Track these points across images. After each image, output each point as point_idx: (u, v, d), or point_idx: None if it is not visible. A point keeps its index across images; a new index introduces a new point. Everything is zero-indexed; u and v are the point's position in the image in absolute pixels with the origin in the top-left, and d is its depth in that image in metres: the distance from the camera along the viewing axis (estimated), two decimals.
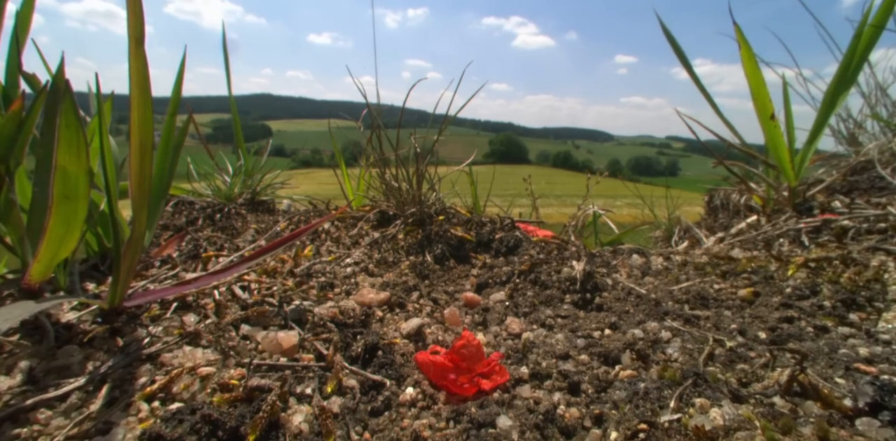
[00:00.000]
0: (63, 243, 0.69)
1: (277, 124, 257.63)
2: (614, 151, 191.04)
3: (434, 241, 1.29)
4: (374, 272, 1.13)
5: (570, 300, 0.97)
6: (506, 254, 1.28)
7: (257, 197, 1.86)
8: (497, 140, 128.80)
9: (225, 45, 2.11)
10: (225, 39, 2.13)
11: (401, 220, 1.39)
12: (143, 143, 0.70)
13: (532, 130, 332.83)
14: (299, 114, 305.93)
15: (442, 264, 1.23)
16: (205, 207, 1.67)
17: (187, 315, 0.76)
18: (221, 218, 1.62)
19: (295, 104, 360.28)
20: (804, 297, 0.84)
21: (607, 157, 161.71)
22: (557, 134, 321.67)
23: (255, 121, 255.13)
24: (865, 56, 1.71)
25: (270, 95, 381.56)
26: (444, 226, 1.33)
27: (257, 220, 1.60)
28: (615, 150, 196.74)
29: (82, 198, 0.68)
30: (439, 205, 1.49)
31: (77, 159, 0.66)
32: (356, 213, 1.56)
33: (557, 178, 78.96)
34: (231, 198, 1.78)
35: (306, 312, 0.79)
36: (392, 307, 0.91)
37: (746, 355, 0.68)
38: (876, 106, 2.45)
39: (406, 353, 0.71)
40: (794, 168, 1.64)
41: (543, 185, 12.13)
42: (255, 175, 1.92)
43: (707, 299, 0.93)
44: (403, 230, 1.34)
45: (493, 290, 1.08)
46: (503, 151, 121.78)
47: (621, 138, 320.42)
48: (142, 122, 0.69)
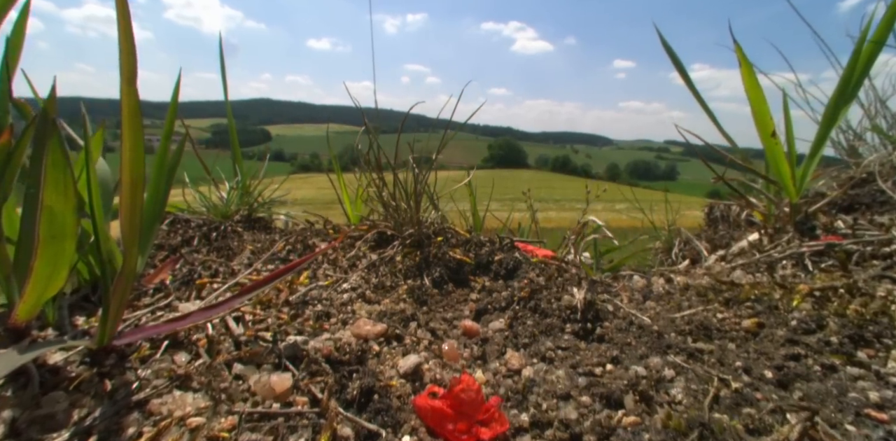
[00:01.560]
0: (50, 283, 0.67)
1: (277, 129, 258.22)
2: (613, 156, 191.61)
3: (432, 264, 1.27)
4: (372, 298, 1.11)
5: (570, 330, 0.95)
6: (505, 277, 1.26)
7: (254, 213, 1.84)
8: (496, 144, 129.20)
9: (222, 58, 2.09)
10: (222, 51, 2.11)
11: (399, 242, 1.37)
12: (134, 180, 0.68)
13: (531, 135, 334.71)
14: (298, 118, 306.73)
15: (440, 288, 1.21)
16: (201, 225, 1.65)
17: (178, 354, 0.73)
18: (217, 237, 1.60)
19: (294, 109, 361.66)
20: (810, 332, 0.82)
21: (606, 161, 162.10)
22: (556, 138, 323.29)
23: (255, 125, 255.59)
24: (866, 71, 1.70)
25: (270, 100, 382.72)
26: (443, 248, 1.32)
27: (253, 239, 1.58)
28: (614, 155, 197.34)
29: (70, 236, 0.67)
30: (438, 224, 1.47)
31: (64, 198, 0.64)
32: (353, 232, 1.55)
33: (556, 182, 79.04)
34: (227, 215, 1.76)
35: (301, 349, 0.77)
36: (389, 340, 0.89)
37: (752, 398, 0.66)
38: (875, 117, 2.44)
39: (403, 395, 0.69)
40: (795, 184, 1.63)
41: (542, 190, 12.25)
42: (252, 191, 1.90)
43: (710, 330, 0.91)
44: (401, 252, 1.33)
45: (493, 317, 1.06)
46: (502, 156, 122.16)
47: (620, 142, 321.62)
48: (133, 159, 0.68)
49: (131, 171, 0.68)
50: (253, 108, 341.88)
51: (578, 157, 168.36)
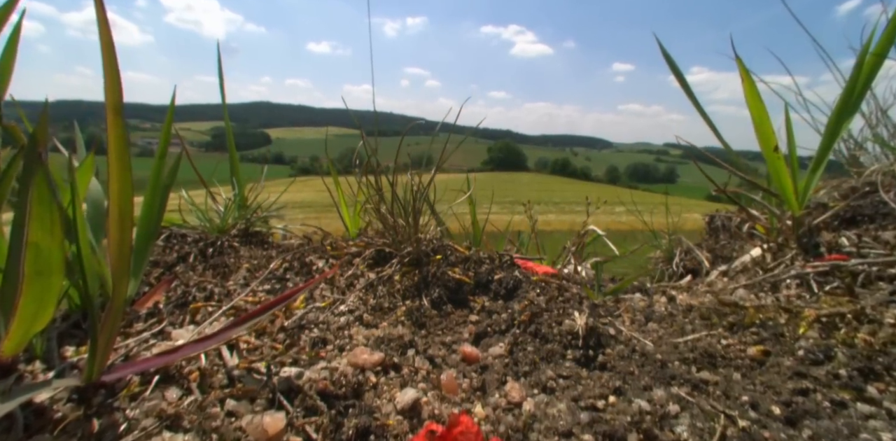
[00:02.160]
0: (36, 319, 0.65)
1: (277, 132, 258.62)
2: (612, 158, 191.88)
3: (431, 284, 1.25)
4: (370, 321, 1.09)
5: (571, 357, 0.93)
6: (505, 297, 1.24)
7: (251, 228, 1.82)
8: (496, 147, 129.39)
9: (220, 67, 2.07)
10: (220, 59, 2.09)
11: (397, 260, 1.35)
12: (122, 211, 0.67)
13: (530, 137, 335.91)
14: (298, 122, 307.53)
15: (439, 309, 1.19)
16: (197, 240, 1.63)
17: (169, 389, 0.71)
18: (214, 253, 1.58)
19: (294, 112, 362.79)
20: (818, 363, 0.80)
21: (605, 164, 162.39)
22: (556, 141, 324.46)
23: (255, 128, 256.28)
24: (868, 84, 1.69)
25: (270, 103, 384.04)
26: (442, 267, 1.30)
27: (250, 256, 1.56)
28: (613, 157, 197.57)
29: (56, 272, 0.65)
30: (437, 241, 1.45)
31: (50, 235, 0.62)
32: (352, 247, 1.53)
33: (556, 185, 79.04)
34: (224, 230, 1.74)
35: (296, 383, 0.75)
36: (387, 369, 0.86)
37: (760, 436, 0.64)
38: (876, 126, 2.42)
39: (400, 434, 0.67)
40: (797, 198, 1.62)
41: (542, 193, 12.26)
42: (249, 204, 1.89)
43: (715, 357, 0.89)
44: (400, 271, 1.31)
45: (493, 341, 1.04)
46: (502, 159, 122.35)
47: (619, 145, 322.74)
48: (120, 190, 0.66)
49: (119, 202, 0.66)
50: (253, 112, 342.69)
51: (578, 160, 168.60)
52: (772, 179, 1.69)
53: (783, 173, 1.59)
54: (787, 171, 1.60)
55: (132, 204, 0.67)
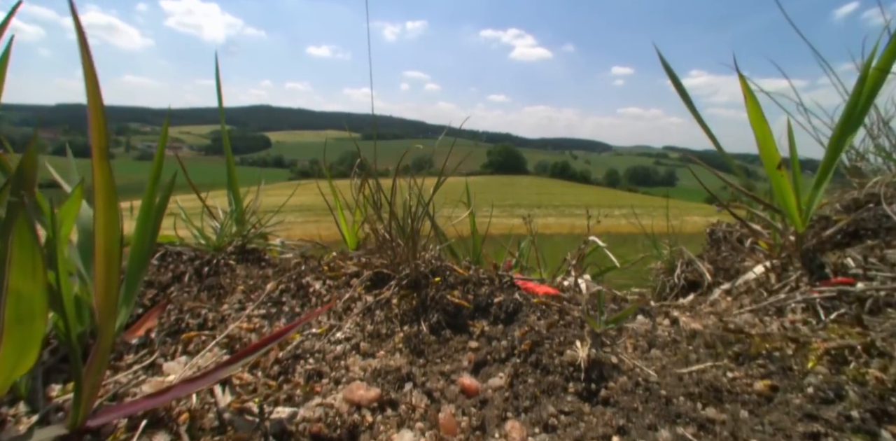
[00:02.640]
0: (17, 367, 0.63)
1: (277, 135, 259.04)
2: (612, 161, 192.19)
3: (430, 309, 1.23)
4: (367, 350, 1.06)
5: (573, 390, 0.91)
6: (505, 321, 1.22)
7: (248, 245, 1.79)
8: (495, 150, 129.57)
9: (218, 79, 2.05)
10: (217, 69, 2.06)
11: (395, 282, 1.33)
12: (109, 252, 0.64)
13: (530, 141, 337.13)
14: (298, 125, 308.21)
15: (438, 335, 1.17)
16: (192, 259, 1.61)
17: (158, 435, 0.69)
18: (209, 272, 1.56)
19: (294, 115, 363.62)
20: (828, 402, 0.77)
21: (605, 167, 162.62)
22: (555, 144, 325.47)
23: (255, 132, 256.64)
24: (871, 99, 1.67)
25: (270, 107, 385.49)
26: (441, 290, 1.27)
27: (246, 275, 1.54)
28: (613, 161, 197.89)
29: (38, 317, 0.62)
30: (436, 261, 1.43)
31: (32, 280, 0.60)
32: (349, 268, 1.50)
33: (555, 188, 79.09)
34: (220, 247, 1.72)
35: (288, 426, 0.72)
36: (383, 406, 0.84)
37: None
38: (878, 137, 2.40)
39: None
40: (801, 214, 1.60)
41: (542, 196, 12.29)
42: (247, 219, 1.86)
43: (721, 392, 0.87)
44: (398, 294, 1.28)
45: (493, 370, 1.02)
46: (501, 162, 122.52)
47: (619, 148, 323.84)
48: (108, 232, 0.64)
49: (106, 243, 0.64)
50: (253, 115, 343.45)
51: (577, 163, 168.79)
52: (775, 196, 1.67)
53: (787, 191, 1.57)
54: (790, 189, 1.58)
55: (119, 243, 0.65)
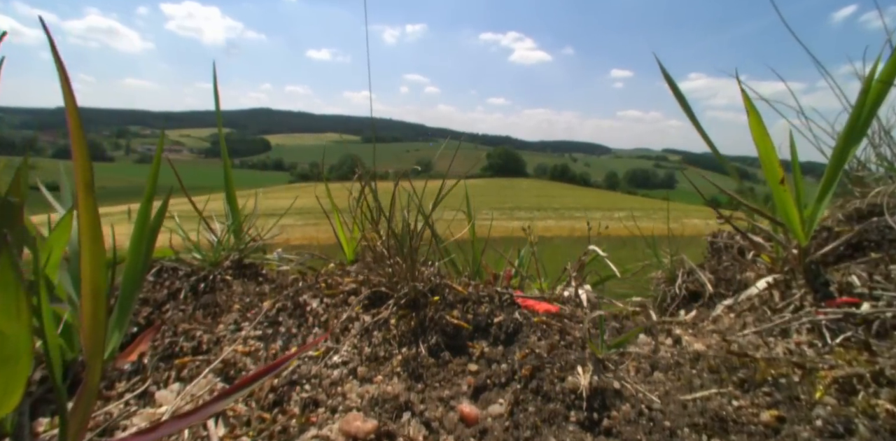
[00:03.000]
0: (2, 405, 0.61)
1: (276, 138, 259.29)
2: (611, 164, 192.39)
3: (429, 330, 1.21)
4: (364, 375, 1.04)
5: (575, 419, 0.89)
6: (505, 342, 1.20)
7: (245, 259, 1.78)
8: (495, 153, 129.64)
9: (216, 89, 2.03)
10: (216, 82, 2.05)
11: (393, 301, 1.31)
12: (96, 291, 0.62)
13: (530, 144, 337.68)
14: (298, 128, 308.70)
15: (437, 357, 1.14)
16: (189, 274, 1.59)
17: None
18: (205, 288, 1.54)
19: (294, 119, 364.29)
20: (838, 436, 0.75)
21: (605, 169, 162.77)
22: (555, 147, 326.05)
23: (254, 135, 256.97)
24: (874, 111, 1.66)
25: (269, 110, 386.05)
26: (440, 311, 1.25)
27: (243, 292, 1.52)
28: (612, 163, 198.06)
29: (24, 356, 0.60)
30: (435, 278, 1.40)
31: (17, 321, 0.58)
32: (347, 285, 1.48)
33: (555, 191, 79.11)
34: (217, 262, 1.70)
35: None
36: (380, 438, 0.82)
37: None
38: (880, 146, 2.39)
39: None
40: (804, 228, 1.58)
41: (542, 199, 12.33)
42: (244, 233, 1.84)
43: (726, 422, 0.85)
44: (396, 314, 1.26)
45: (493, 396, 1.00)
46: (501, 164, 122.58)
47: (618, 151, 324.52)
48: (94, 270, 0.62)
49: (93, 282, 0.62)
50: (252, 118, 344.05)
51: (577, 166, 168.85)
52: (777, 209, 1.66)
53: (790, 205, 1.56)
54: (793, 204, 1.56)
55: (106, 282, 0.63)
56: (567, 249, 9.23)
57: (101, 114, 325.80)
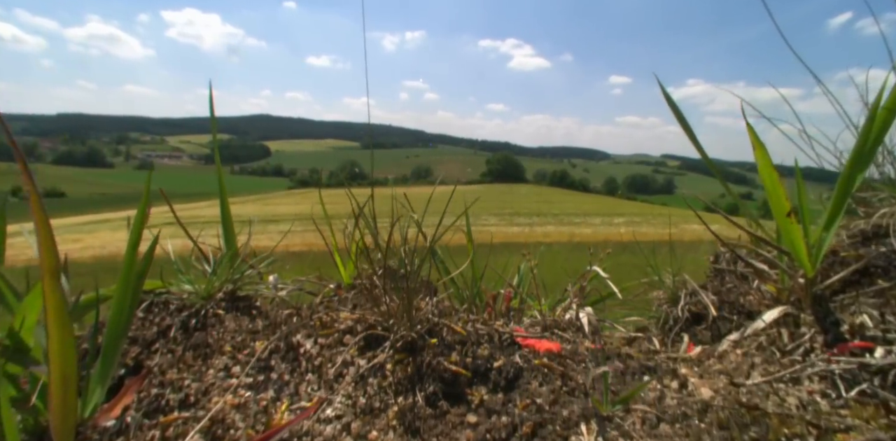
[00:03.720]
0: None
1: (276, 144, 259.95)
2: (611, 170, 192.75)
3: (426, 376, 1.17)
4: (359, 431, 1.00)
5: None
6: (505, 388, 1.15)
7: (239, 291, 1.73)
8: (494, 159, 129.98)
9: (212, 106, 1.99)
10: (212, 102, 2.01)
11: (389, 343, 1.26)
12: (65, 376, 0.58)
13: (529, 149, 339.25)
14: (298, 134, 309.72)
15: (434, 407, 1.10)
16: (180, 309, 1.55)
17: None
18: (196, 324, 1.49)
19: (294, 125, 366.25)
20: None
21: (604, 175, 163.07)
22: (554, 153, 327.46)
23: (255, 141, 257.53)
24: (881, 137, 1.62)
25: (270, 116, 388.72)
26: (437, 357, 1.21)
27: (236, 328, 1.47)
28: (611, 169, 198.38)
29: None
30: (434, 318, 1.36)
31: None
32: (343, 322, 1.43)
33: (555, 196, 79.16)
34: (210, 294, 1.66)
35: None
36: None
37: None
38: (882, 165, 2.36)
39: None
40: (811, 258, 1.54)
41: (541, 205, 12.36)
42: (237, 262, 1.80)
43: None
44: (393, 359, 1.22)
45: None
46: (500, 170, 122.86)
47: (617, 157, 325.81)
48: (62, 353, 0.58)
49: (62, 365, 0.58)
50: (253, 124, 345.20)
51: (576, 172, 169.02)
52: (783, 239, 1.62)
53: (797, 238, 1.52)
54: (800, 235, 1.53)
55: (75, 366, 0.59)
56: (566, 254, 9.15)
57: (102, 120, 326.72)
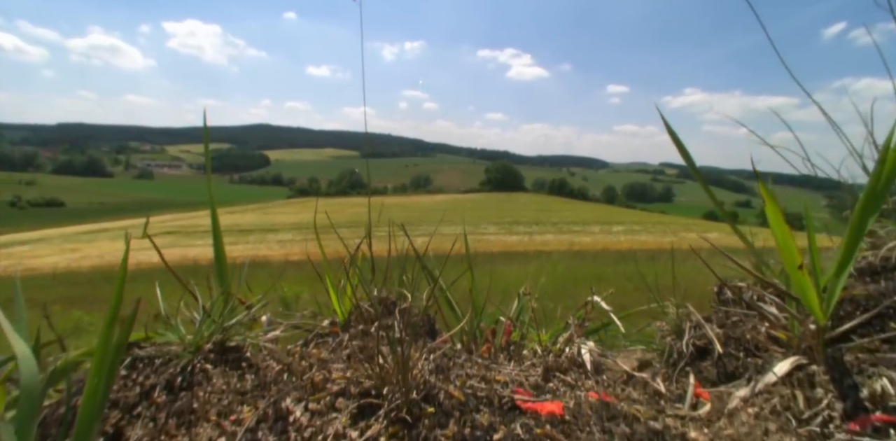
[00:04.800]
0: None
1: (276, 154, 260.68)
2: (609, 178, 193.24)
3: None
4: None
5: None
6: None
7: (228, 341, 1.67)
8: (493, 168, 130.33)
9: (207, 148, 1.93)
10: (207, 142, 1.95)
11: (384, 412, 1.20)
12: None
13: (527, 158, 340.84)
14: (297, 143, 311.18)
15: None
16: (165, 364, 1.48)
17: None
18: (182, 382, 1.43)
19: (293, 134, 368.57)
20: None
21: (602, 183, 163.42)
22: (553, 161, 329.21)
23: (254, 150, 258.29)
24: (890, 180, 1.58)
25: (269, 126, 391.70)
26: (434, 429, 1.14)
27: (223, 386, 1.41)
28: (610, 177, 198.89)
29: None
30: (431, 381, 1.30)
31: None
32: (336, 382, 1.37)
33: (554, 205, 79.15)
34: (198, 346, 1.59)
35: None
36: None
37: None
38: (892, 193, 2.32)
39: None
40: (822, 307, 1.49)
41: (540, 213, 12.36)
42: (226, 311, 1.74)
43: None
44: (387, 433, 1.15)
45: None
46: (499, 179, 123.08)
47: (616, 165, 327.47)
48: None
49: None
50: (252, 134, 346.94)
51: (575, 180, 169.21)
52: (793, 287, 1.57)
53: (808, 290, 1.47)
54: (812, 287, 1.48)
55: None
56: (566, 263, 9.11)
57: (102, 130, 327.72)
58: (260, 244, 30.32)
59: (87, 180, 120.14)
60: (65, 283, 18.12)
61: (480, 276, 2.07)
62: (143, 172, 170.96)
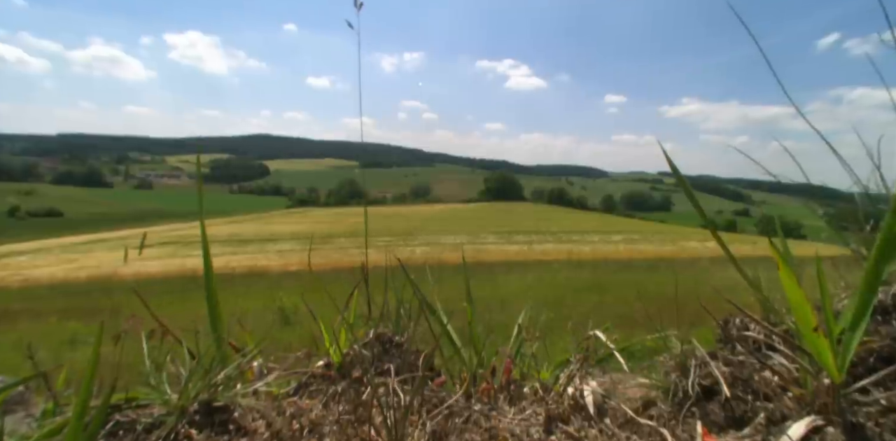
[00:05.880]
0: None
1: (275, 164, 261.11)
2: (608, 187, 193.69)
3: None
4: None
5: None
6: None
7: (215, 400, 1.59)
8: (492, 178, 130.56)
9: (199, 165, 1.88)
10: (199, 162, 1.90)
11: None
12: None
13: (526, 168, 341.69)
14: (297, 153, 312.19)
15: None
16: (148, 428, 1.40)
17: None
18: None
19: (293, 144, 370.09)
20: None
21: (601, 193, 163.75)
22: (551, 171, 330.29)
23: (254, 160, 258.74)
24: None
25: (269, 136, 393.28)
26: None
27: None
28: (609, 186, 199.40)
29: None
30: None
31: None
32: None
33: (553, 214, 79.07)
34: (184, 407, 1.51)
35: None
36: None
37: None
38: None
39: None
40: (837, 363, 1.42)
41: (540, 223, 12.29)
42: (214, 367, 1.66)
43: None
44: None
45: None
46: (498, 189, 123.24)
47: (614, 174, 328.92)
48: None
49: None
50: (252, 144, 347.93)
51: (574, 190, 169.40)
52: (806, 342, 1.51)
53: (824, 349, 1.41)
54: (827, 348, 1.41)
55: None
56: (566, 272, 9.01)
57: (102, 140, 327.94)
58: (259, 254, 30.24)
59: (86, 190, 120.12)
60: (62, 294, 17.98)
61: (481, 286, 1.99)
62: (143, 182, 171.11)
